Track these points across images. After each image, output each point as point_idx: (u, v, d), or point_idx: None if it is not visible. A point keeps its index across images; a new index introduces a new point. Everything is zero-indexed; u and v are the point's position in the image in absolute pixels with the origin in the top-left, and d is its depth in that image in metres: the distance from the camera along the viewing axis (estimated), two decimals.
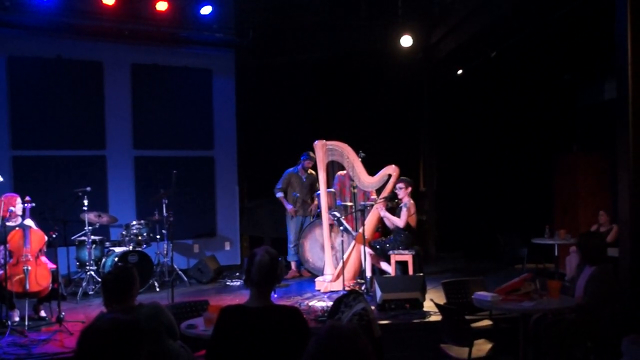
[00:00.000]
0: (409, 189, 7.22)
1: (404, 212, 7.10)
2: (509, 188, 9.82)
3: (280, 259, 3.06)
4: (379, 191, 7.77)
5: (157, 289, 7.61)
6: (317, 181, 8.03)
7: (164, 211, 7.97)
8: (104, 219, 7.70)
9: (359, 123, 9.45)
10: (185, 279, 8.14)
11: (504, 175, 9.89)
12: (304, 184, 8.46)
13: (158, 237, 8.16)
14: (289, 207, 8.33)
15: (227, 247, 9.63)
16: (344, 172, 7.87)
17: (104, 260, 7.60)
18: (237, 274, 8.59)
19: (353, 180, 7.58)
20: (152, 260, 7.82)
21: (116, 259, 7.41)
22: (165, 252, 8.02)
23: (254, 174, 9.59)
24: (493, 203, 9.85)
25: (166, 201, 7.99)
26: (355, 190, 7.62)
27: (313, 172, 8.27)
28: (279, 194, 8.40)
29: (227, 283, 8.16)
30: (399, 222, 7.12)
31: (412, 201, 7.19)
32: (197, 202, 9.33)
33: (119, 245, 7.93)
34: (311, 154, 8.10)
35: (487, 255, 9.41)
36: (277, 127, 9.43)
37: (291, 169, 8.50)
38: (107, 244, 8.05)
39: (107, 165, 8.82)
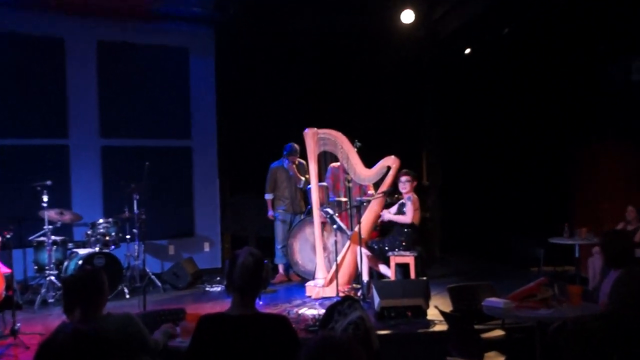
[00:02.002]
0: (415, 182, 7.27)
1: (409, 206, 7.11)
2: (523, 181, 9.86)
3: (266, 261, 3.09)
4: (376, 185, 7.81)
5: (127, 296, 7.59)
6: (307, 172, 8.11)
7: (135, 208, 7.99)
8: (67, 216, 7.69)
9: (355, 109, 9.51)
10: (159, 284, 8.15)
11: (517, 167, 9.93)
12: (291, 178, 8.53)
13: (128, 237, 8.18)
14: (269, 213, 8.48)
15: (207, 248, 9.68)
16: (338, 163, 7.92)
17: (66, 263, 7.58)
18: (218, 278, 8.61)
19: (348, 173, 7.61)
20: (122, 264, 7.81)
21: (80, 262, 7.39)
22: (136, 254, 8.05)
23: (237, 166, 9.62)
24: (505, 198, 9.90)
25: (137, 197, 8.00)
26: (350, 184, 7.64)
27: (303, 161, 8.32)
28: (267, 196, 8.52)
29: (207, 289, 8.18)
30: (405, 218, 7.13)
31: (416, 196, 7.23)
32: (172, 197, 9.38)
33: (84, 247, 7.92)
34: (295, 145, 8.17)
35: (498, 257, 9.47)
36: (263, 113, 9.47)
37: (276, 162, 8.57)
38: (70, 245, 8.06)
39: (70, 156, 8.80)
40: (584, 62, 9.33)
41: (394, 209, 7.37)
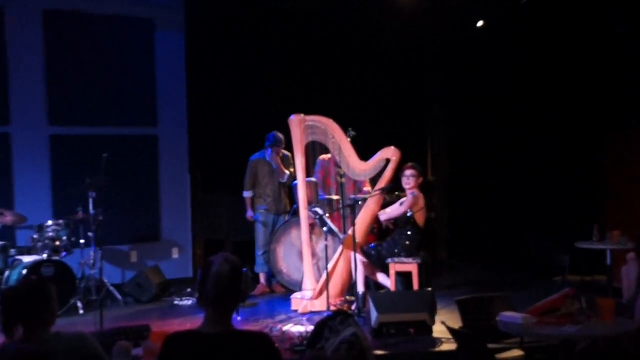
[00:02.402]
0: (421, 179, 7.36)
1: (409, 199, 7.19)
2: (545, 176, 9.86)
3: (244, 270, 3.15)
4: (374, 181, 7.84)
5: (81, 312, 7.56)
6: (293, 166, 8.15)
7: (91, 208, 7.94)
8: (8, 218, 7.68)
9: (349, 94, 9.53)
10: (120, 297, 8.15)
11: (537, 158, 9.96)
12: (275, 173, 8.55)
13: (83, 242, 8.15)
14: (248, 214, 8.55)
15: (175, 254, 9.68)
16: (329, 155, 7.98)
17: (7, 273, 7.54)
18: (189, 290, 8.60)
19: (340, 167, 7.63)
20: (75, 273, 7.78)
21: (25, 271, 7.35)
22: (92, 262, 7.98)
23: (211, 158, 9.61)
24: (523, 195, 9.90)
25: (94, 194, 7.96)
26: (344, 180, 7.65)
27: (288, 152, 8.36)
28: (246, 193, 8.57)
29: (175, 302, 8.21)
30: (399, 209, 7.21)
31: (421, 194, 7.29)
32: (135, 195, 9.36)
33: (29, 254, 7.89)
34: (279, 134, 8.21)
35: (516, 264, 9.50)
36: (242, 97, 9.47)
37: (257, 154, 8.60)
38: (12, 251, 7.99)
39: (12, 147, 8.77)
40: (617, 37, 9.26)
41: (392, 207, 7.44)
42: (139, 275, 8.52)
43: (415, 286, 6.98)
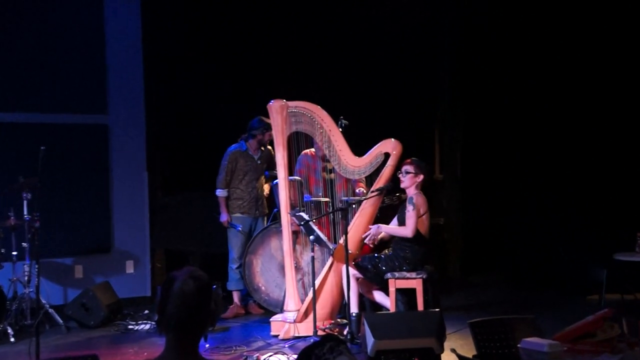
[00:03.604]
0: (420, 177, 7.29)
1: (410, 213, 7.13)
2: (577, 175, 9.82)
3: (214, 287, 3.13)
4: (370, 180, 7.85)
5: (12, 339, 7.44)
6: (273, 162, 8.20)
7: (25, 212, 7.92)
8: None
9: (339, 76, 9.57)
10: (61, 321, 8.07)
11: (566, 154, 9.93)
12: (257, 167, 8.60)
13: (15, 254, 8.08)
14: (223, 217, 8.57)
15: (130, 269, 9.63)
16: (312, 149, 8.10)
17: None
18: (146, 312, 8.61)
19: (329, 162, 7.72)
20: (4, 293, 7.75)
21: None
22: (26, 278, 7.92)
23: (174, 153, 9.60)
24: (550, 197, 9.88)
25: (29, 196, 7.93)
26: (332, 176, 7.73)
27: (272, 148, 8.41)
28: (220, 192, 8.60)
29: (130, 327, 8.19)
30: (404, 230, 7.18)
31: (422, 196, 7.27)
32: (80, 197, 9.31)
33: None
34: (266, 120, 8.19)
35: (541, 280, 9.53)
36: (212, 79, 9.46)
37: (236, 145, 8.65)
38: None
39: None
40: None
41: (394, 222, 7.41)
42: (85, 294, 8.43)
43: (420, 306, 7.01)
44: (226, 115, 8.91)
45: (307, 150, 8.15)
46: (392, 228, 7.30)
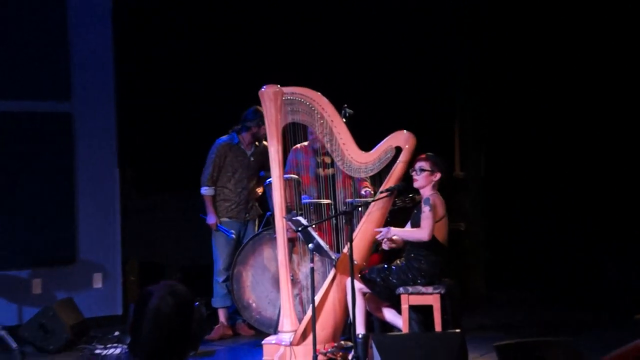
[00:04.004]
0: (437, 175, 7.15)
1: (427, 213, 6.98)
2: (623, 175, 9.82)
3: (197, 304, 3.18)
4: (378, 178, 7.71)
5: None
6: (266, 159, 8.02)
7: None
8: None
9: (345, 59, 9.62)
10: (14, 345, 7.82)
11: (612, 152, 9.88)
12: (250, 164, 8.62)
13: None
14: (211, 219, 8.53)
15: (98, 283, 9.45)
16: (305, 143, 8.09)
17: None
18: (117, 333, 8.43)
19: (329, 156, 7.70)
20: None
21: None
22: None
23: (149, 147, 9.67)
24: (591, 201, 9.87)
25: None
26: (331, 171, 7.78)
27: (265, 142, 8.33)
28: (205, 190, 8.58)
29: (97, 351, 8.08)
30: (419, 232, 7.06)
31: (440, 197, 7.15)
32: (39, 197, 9.14)
33: None
34: (262, 109, 8.04)
35: (580, 297, 9.43)
36: (195, 64, 9.58)
37: (226, 137, 8.66)
38: None
39: None
40: None
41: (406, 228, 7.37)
42: (45, 312, 8.29)
43: (438, 326, 6.95)
44: (214, 104, 9.04)
45: (297, 146, 8.08)
46: (405, 231, 7.19)
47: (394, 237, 7.23)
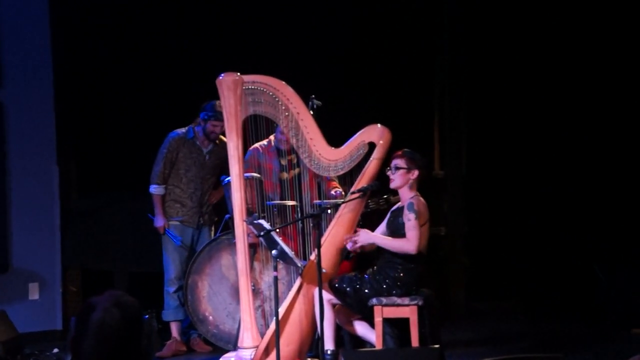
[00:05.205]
0: (414, 173, 7.03)
1: (413, 223, 6.86)
2: (618, 175, 9.85)
3: (146, 316, 2.81)
4: (349, 178, 7.61)
5: None
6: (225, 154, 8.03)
7: None
8: None
9: (313, 45, 9.55)
10: None
11: (601, 148, 9.94)
12: (204, 163, 8.54)
13: None
14: (159, 222, 8.42)
15: (34, 294, 9.24)
16: (265, 142, 7.99)
17: None
18: (55, 350, 8.38)
19: (295, 154, 7.66)
20: None
21: None
22: None
23: (93, 142, 9.48)
24: (584, 203, 9.89)
25: None
26: (296, 172, 7.74)
27: (225, 138, 8.18)
28: (154, 189, 8.49)
29: None
30: (406, 244, 6.93)
31: (422, 200, 7.07)
32: None
33: None
34: (220, 104, 7.92)
35: (572, 309, 9.51)
36: (144, 47, 9.40)
37: (181, 130, 8.55)
38: None
39: None
40: None
41: (382, 226, 7.26)
42: None
43: (415, 341, 6.85)
44: (169, 93, 8.91)
45: (257, 145, 7.96)
46: (388, 240, 7.02)
47: (366, 243, 7.21)
